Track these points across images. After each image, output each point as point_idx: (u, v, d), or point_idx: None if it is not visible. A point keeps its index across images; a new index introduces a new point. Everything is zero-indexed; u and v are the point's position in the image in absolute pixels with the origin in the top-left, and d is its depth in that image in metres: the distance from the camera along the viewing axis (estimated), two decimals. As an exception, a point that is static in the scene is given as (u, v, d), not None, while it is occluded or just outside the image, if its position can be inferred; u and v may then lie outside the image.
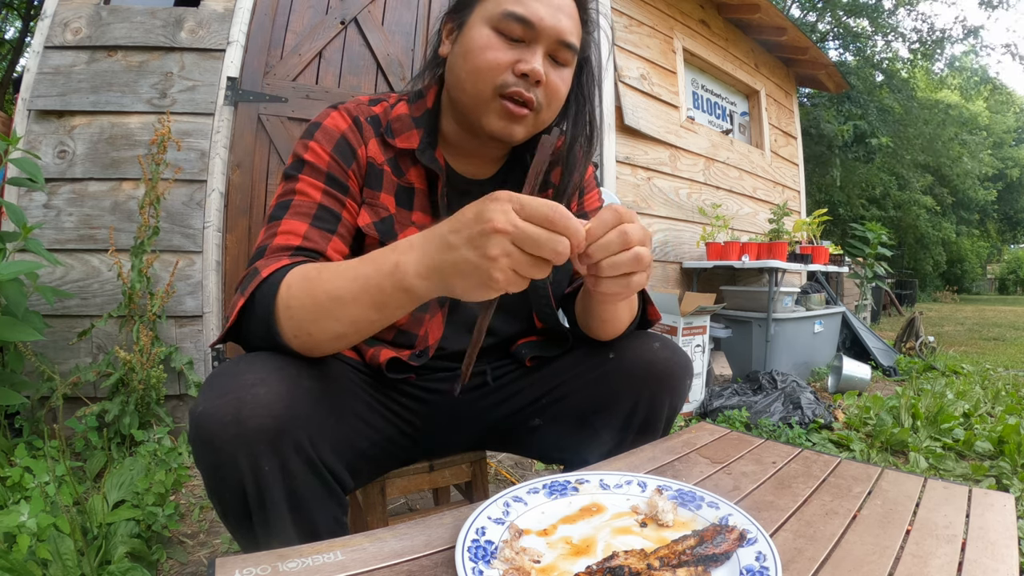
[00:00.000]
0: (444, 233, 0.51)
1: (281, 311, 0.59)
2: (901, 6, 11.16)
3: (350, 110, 0.78)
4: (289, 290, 0.59)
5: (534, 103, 0.72)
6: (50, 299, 1.62)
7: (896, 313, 9.32)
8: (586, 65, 0.80)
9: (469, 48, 0.71)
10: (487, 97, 0.71)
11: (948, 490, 0.66)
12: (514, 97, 0.71)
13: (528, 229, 0.48)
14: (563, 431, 0.83)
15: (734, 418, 2.35)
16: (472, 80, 0.71)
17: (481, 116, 0.73)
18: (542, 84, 0.71)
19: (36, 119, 1.99)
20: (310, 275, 0.60)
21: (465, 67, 0.72)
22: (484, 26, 0.71)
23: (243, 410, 0.54)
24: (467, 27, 0.73)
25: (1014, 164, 22.54)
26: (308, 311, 0.58)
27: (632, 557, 0.45)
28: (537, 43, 0.70)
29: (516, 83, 0.70)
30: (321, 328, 0.59)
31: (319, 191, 0.72)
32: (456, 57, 0.74)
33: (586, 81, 0.81)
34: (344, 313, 0.57)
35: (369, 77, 2.37)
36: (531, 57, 0.70)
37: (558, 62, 0.73)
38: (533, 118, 0.74)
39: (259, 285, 0.61)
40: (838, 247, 3.85)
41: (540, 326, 0.89)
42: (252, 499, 0.57)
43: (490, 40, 0.70)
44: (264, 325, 0.60)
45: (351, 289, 0.57)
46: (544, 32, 0.70)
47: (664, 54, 3.40)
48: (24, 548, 1.01)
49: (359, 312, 0.57)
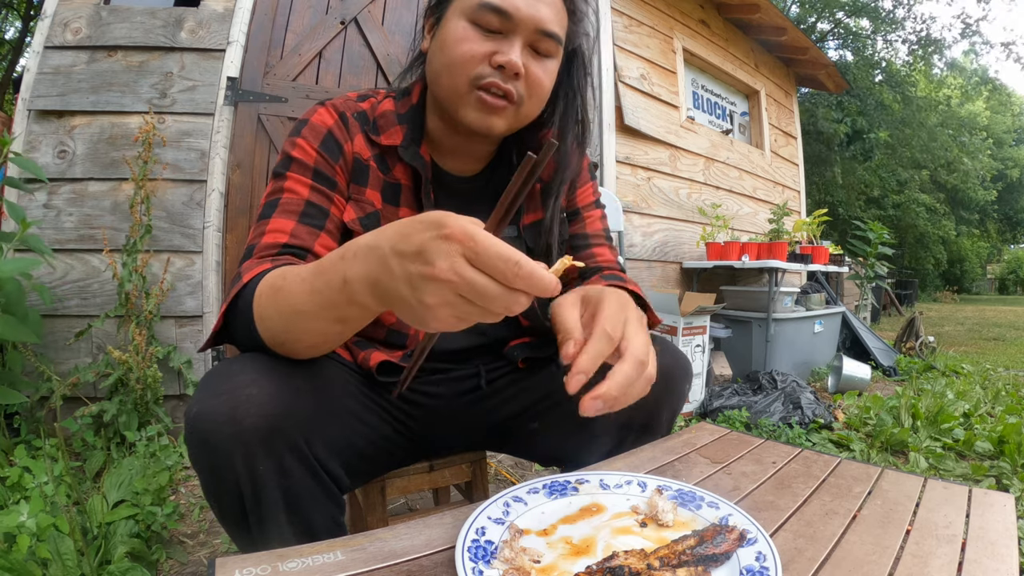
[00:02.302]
0: (385, 251, 0.44)
1: (257, 321, 0.59)
2: (900, 6, 11.17)
3: (337, 106, 0.77)
4: (260, 300, 0.58)
5: (513, 95, 0.70)
6: (47, 299, 1.62)
7: (896, 313, 9.32)
8: (575, 57, 0.79)
9: (445, 41, 0.70)
10: (463, 90, 0.70)
11: (948, 490, 0.66)
12: (490, 89, 0.69)
13: (476, 282, 0.40)
14: (561, 435, 0.82)
15: (734, 418, 2.35)
16: (448, 73, 0.70)
17: (458, 109, 0.71)
18: (522, 76, 0.70)
19: (36, 119, 1.99)
20: (276, 284, 0.57)
21: (442, 60, 0.71)
22: (461, 18, 0.69)
23: (238, 410, 0.54)
24: (444, 20, 0.72)
25: (1014, 164, 22.55)
26: (277, 324, 0.57)
27: (632, 557, 0.45)
28: (515, 34, 0.69)
29: (492, 75, 0.68)
30: (293, 339, 0.58)
31: (307, 188, 0.72)
32: (434, 51, 0.73)
33: (576, 73, 0.79)
34: (309, 327, 0.55)
35: (369, 77, 2.37)
36: (508, 48, 0.68)
37: (540, 53, 0.71)
38: (514, 111, 0.72)
39: (240, 291, 0.61)
40: (838, 247, 3.85)
41: (525, 324, 0.87)
42: (248, 499, 0.57)
43: (466, 32, 0.69)
44: (247, 332, 0.60)
45: (310, 304, 0.53)
46: (522, 22, 0.68)
47: (664, 54, 3.40)
48: (24, 548, 1.01)
49: (323, 326, 0.54)
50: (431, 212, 0.43)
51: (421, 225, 0.42)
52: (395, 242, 0.44)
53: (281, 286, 0.56)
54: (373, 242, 0.46)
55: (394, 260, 0.43)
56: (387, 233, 0.45)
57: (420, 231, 0.42)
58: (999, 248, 28.22)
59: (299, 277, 0.55)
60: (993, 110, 21.35)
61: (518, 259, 0.40)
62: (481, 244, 0.40)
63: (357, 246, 0.48)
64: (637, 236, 3.15)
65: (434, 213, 0.42)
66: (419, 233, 0.42)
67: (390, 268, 0.44)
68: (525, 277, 0.40)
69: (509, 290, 0.40)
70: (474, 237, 0.40)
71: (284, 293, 0.55)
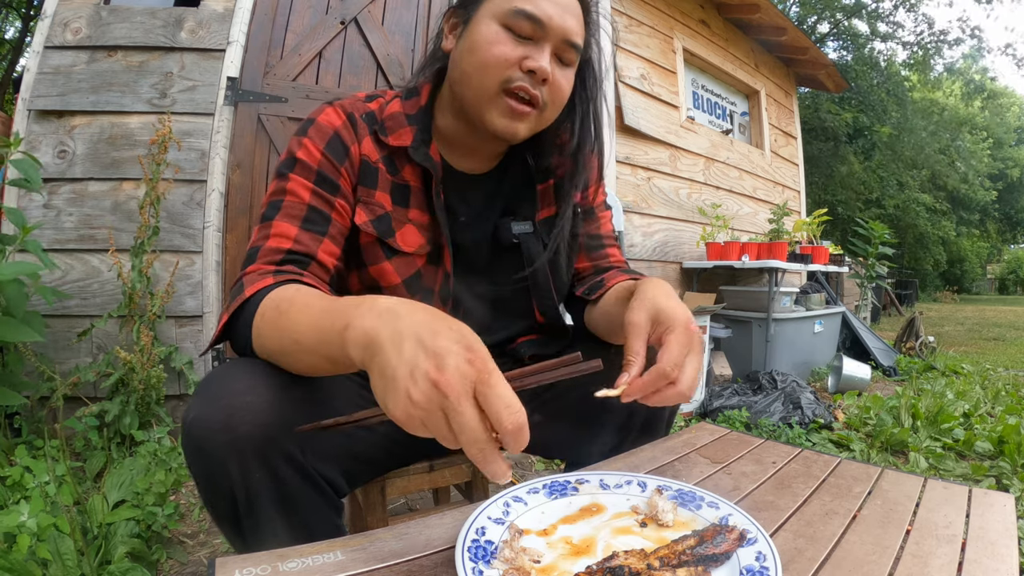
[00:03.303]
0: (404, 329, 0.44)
1: (255, 338, 0.59)
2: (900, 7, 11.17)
3: (345, 107, 0.77)
4: (262, 319, 0.59)
5: (539, 101, 0.72)
6: (49, 300, 1.62)
7: (896, 313, 9.32)
8: (588, 66, 0.81)
9: (476, 42, 0.71)
10: (492, 93, 0.71)
11: (948, 490, 0.66)
12: (519, 93, 0.70)
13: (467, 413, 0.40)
14: (564, 428, 0.83)
15: (734, 418, 2.35)
16: (479, 74, 0.71)
17: (484, 113, 0.72)
18: (548, 82, 0.71)
19: (36, 119, 1.99)
20: (281, 308, 0.57)
21: (472, 61, 0.71)
22: (492, 22, 0.70)
23: (234, 417, 0.54)
24: (474, 22, 0.72)
25: (1014, 164, 22.54)
26: (274, 346, 0.58)
27: (632, 557, 0.45)
28: (545, 41, 0.70)
29: (522, 79, 0.70)
30: (286, 363, 0.58)
31: (308, 191, 0.72)
32: (461, 52, 0.73)
33: (590, 82, 0.81)
34: (303, 359, 0.56)
35: (369, 77, 2.37)
36: (539, 55, 0.70)
37: (563, 62, 0.74)
38: (537, 116, 0.74)
39: (242, 304, 0.62)
40: (838, 247, 3.85)
41: (541, 320, 0.88)
42: (242, 505, 0.57)
43: (499, 35, 0.70)
44: (245, 343, 0.61)
45: (309, 338, 0.53)
46: (553, 31, 0.70)
47: (664, 54, 3.40)
48: (24, 548, 1.01)
49: (316, 361, 0.54)
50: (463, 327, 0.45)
51: (453, 333, 0.44)
52: (419, 329, 0.44)
53: (286, 310, 0.57)
54: (398, 310, 0.47)
55: (408, 343, 0.43)
56: (416, 315, 0.46)
57: (449, 337, 0.43)
58: (999, 248, 28.21)
59: (307, 306, 0.55)
60: (992, 111, 21.35)
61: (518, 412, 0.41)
62: (495, 381, 0.41)
63: (380, 305, 0.48)
64: (637, 236, 3.15)
65: (467, 329, 0.45)
66: (447, 338, 0.43)
67: (400, 347, 0.44)
68: (513, 431, 0.41)
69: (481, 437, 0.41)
70: (492, 374, 0.42)
71: (287, 319, 0.56)
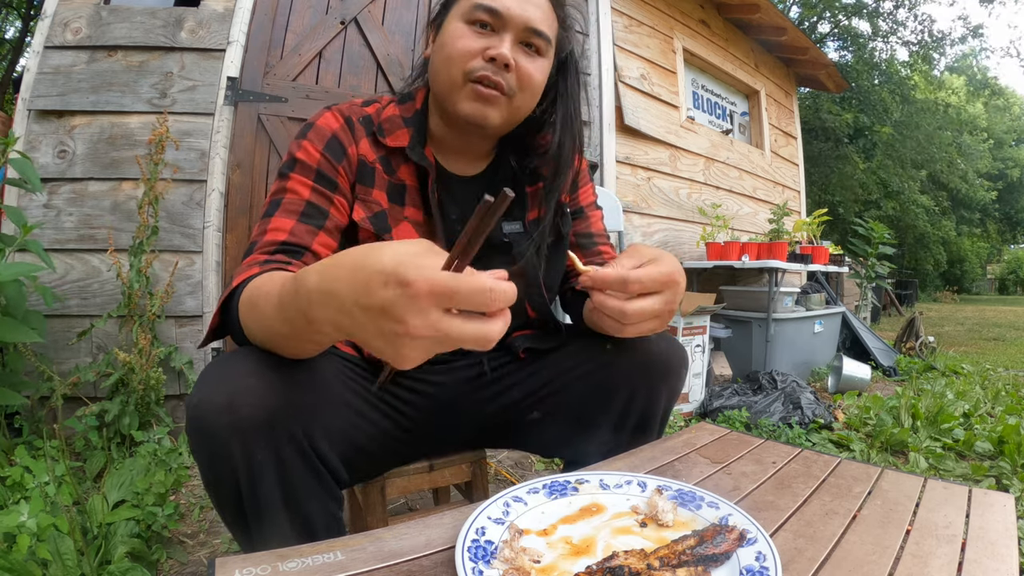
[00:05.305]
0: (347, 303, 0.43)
1: (244, 330, 0.61)
2: (901, 7, 11.16)
3: (343, 111, 0.81)
4: (242, 310, 0.60)
5: (504, 86, 0.75)
6: (49, 301, 1.62)
7: (896, 313, 9.32)
8: (568, 61, 0.84)
9: (444, 41, 0.77)
10: (459, 83, 0.75)
11: (948, 490, 0.66)
12: (483, 80, 0.74)
13: (453, 329, 0.41)
14: (562, 424, 0.84)
15: (734, 418, 2.35)
16: (446, 68, 0.76)
17: (455, 102, 0.76)
18: (512, 69, 0.75)
19: (36, 119, 1.99)
20: (252, 301, 0.58)
21: (440, 58, 0.77)
22: (458, 20, 0.76)
23: (236, 399, 0.55)
24: (444, 25, 0.79)
25: (1014, 164, 22.54)
26: (259, 335, 0.59)
27: (632, 557, 0.45)
28: (505, 31, 0.75)
29: (484, 68, 0.74)
30: (275, 348, 0.59)
31: (308, 188, 0.75)
32: (434, 53, 0.80)
33: (570, 77, 0.84)
34: (286, 344, 0.57)
35: (369, 77, 2.37)
36: (499, 43, 0.74)
37: (532, 51, 0.77)
38: (506, 102, 0.76)
39: (230, 295, 0.63)
40: (838, 247, 3.85)
41: (533, 316, 0.90)
42: (244, 488, 0.57)
43: (462, 31, 0.75)
44: (240, 333, 0.62)
45: (284, 328, 0.54)
46: (511, 20, 0.74)
47: (664, 54, 3.40)
48: (24, 548, 1.01)
49: (300, 345, 0.56)
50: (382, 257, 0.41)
51: (380, 277, 0.41)
52: (357, 295, 0.42)
53: (256, 303, 0.57)
54: (327, 287, 0.44)
55: (361, 315, 0.42)
56: (342, 281, 0.43)
57: (380, 286, 0.40)
58: (999, 248, 28.21)
59: (270, 298, 0.54)
60: (994, 110, 21.34)
61: (491, 286, 0.40)
62: (452, 288, 0.40)
63: (308, 291, 0.46)
64: (637, 236, 3.15)
65: (387, 260, 0.41)
66: (380, 289, 0.40)
67: (360, 322, 0.43)
68: (500, 297, 0.41)
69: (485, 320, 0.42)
70: (442, 288, 0.39)
71: (258, 312, 0.57)
